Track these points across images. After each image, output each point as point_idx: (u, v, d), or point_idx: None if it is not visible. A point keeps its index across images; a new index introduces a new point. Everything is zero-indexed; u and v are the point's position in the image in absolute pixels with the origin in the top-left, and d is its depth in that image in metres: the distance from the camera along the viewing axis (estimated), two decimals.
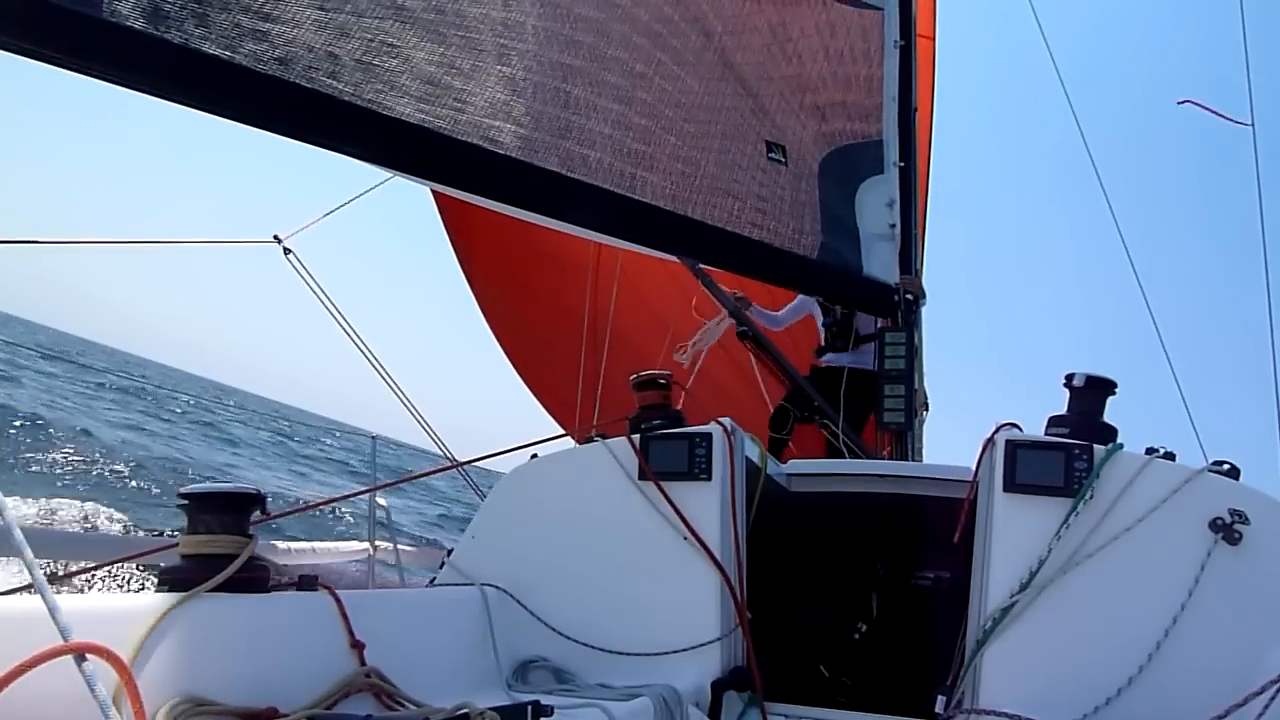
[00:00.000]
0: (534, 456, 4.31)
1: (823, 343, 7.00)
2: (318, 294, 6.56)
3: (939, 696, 3.47)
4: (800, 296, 7.06)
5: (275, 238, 6.53)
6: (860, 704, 4.19)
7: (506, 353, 9.37)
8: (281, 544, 6.00)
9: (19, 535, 1.54)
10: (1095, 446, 3.43)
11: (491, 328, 9.25)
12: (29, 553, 1.53)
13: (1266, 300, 6.63)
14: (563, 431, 6.27)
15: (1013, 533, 3.44)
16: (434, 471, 6.24)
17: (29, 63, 3.32)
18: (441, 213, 8.48)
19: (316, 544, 6.27)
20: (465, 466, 5.89)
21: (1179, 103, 8.34)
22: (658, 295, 7.77)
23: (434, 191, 8.04)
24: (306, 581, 2.79)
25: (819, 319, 7.05)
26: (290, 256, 6.52)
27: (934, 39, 8.33)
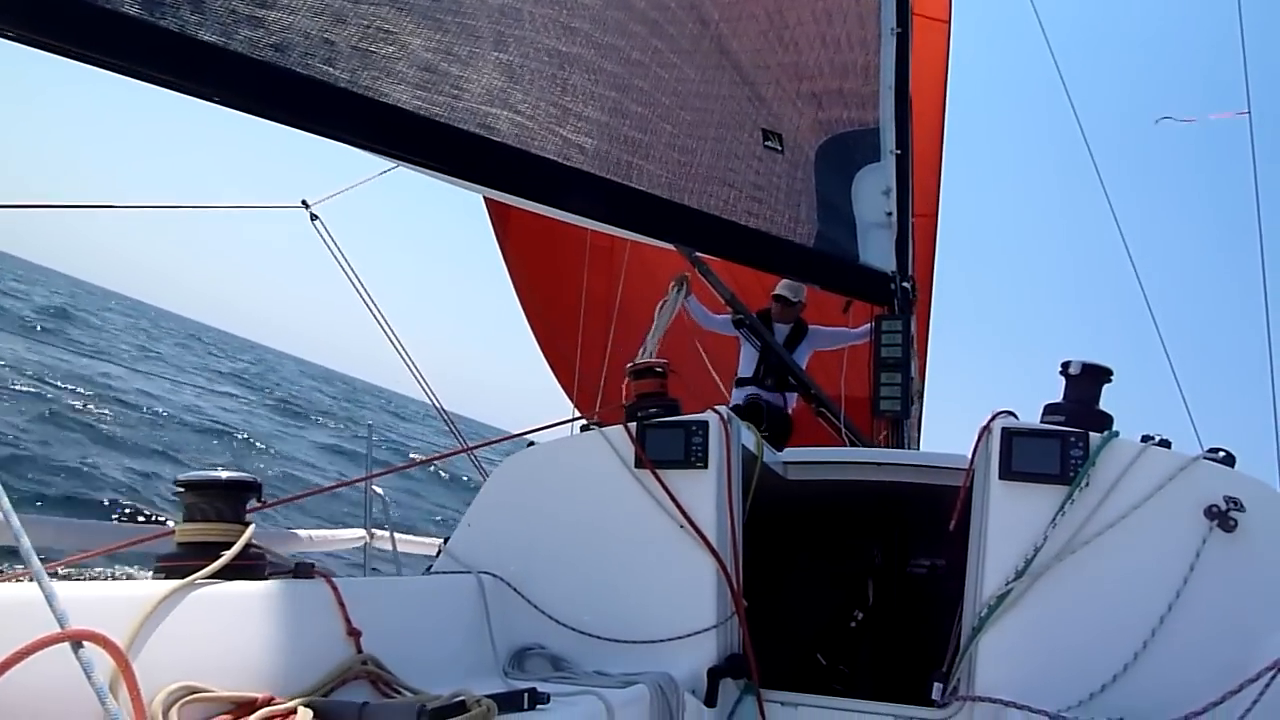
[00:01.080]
0: (531, 444, 4.31)
1: (752, 373, 6.90)
2: (340, 262, 6.58)
3: (935, 684, 3.48)
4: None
5: (303, 203, 6.54)
6: (857, 691, 4.20)
7: (530, 324, 9.45)
8: (278, 530, 6.00)
9: (16, 522, 1.54)
10: (1091, 434, 3.43)
11: (519, 296, 9.32)
12: (26, 539, 1.53)
13: (1263, 288, 6.63)
14: (568, 417, 6.27)
15: (1008, 520, 3.44)
16: (437, 458, 6.25)
17: None
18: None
19: (314, 531, 6.26)
20: (474, 451, 5.89)
21: (1157, 121, 8.41)
22: (668, 276, 7.78)
23: None
24: (303, 569, 2.80)
25: (747, 345, 6.96)
26: (316, 223, 6.53)
27: (949, 22, 8.36)
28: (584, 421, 4.55)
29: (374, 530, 6.11)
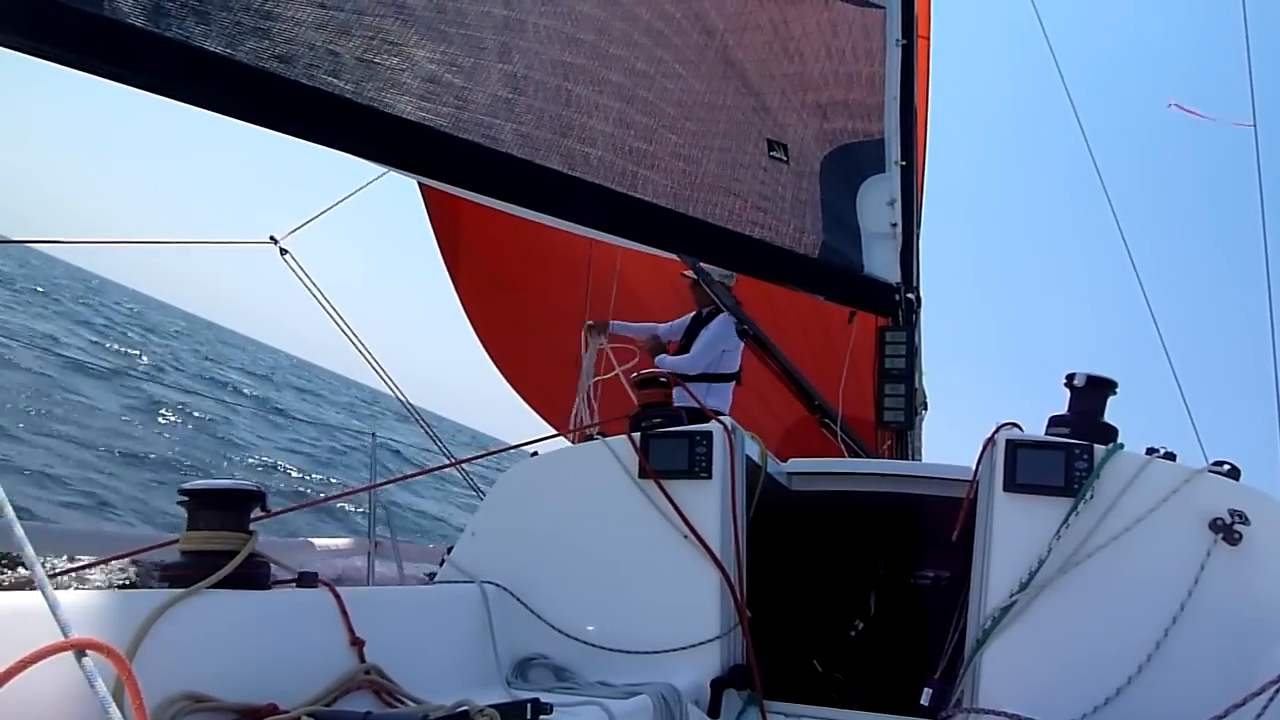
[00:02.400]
0: (534, 454, 4.31)
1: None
2: (314, 293, 6.60)
3: (926, 690, 3.48)
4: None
5: (271, 238, 6.56)
6: (852, 700, 4.20)
7: (490, 353, 9.37)
8: (282, 540, 6.01)
9: (20, 531, 1.54)
10: (1095, 446, 3.42)
11: (476, 330, 9.25)
12: (30, 548, 1.53)
13: (1268, 300, 6.62)
14: (558, 432, 6.28)
15: (1013, 532, 3.43)
16: (433, 469, 6.27)
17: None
18: (431, 217, 8.51)
19: (317, 540, 6.27)
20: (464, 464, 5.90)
21: (1170, 106, 8.38)
22: (651, 295, 7.78)
23: (424, 196, 8.08)
24: (307, 578, 2.79)
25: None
26: (286, 257, 6.54)
27: (929, 39, 8.32)
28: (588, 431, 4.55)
29: (377, 540, 6.11)
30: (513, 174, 4.60)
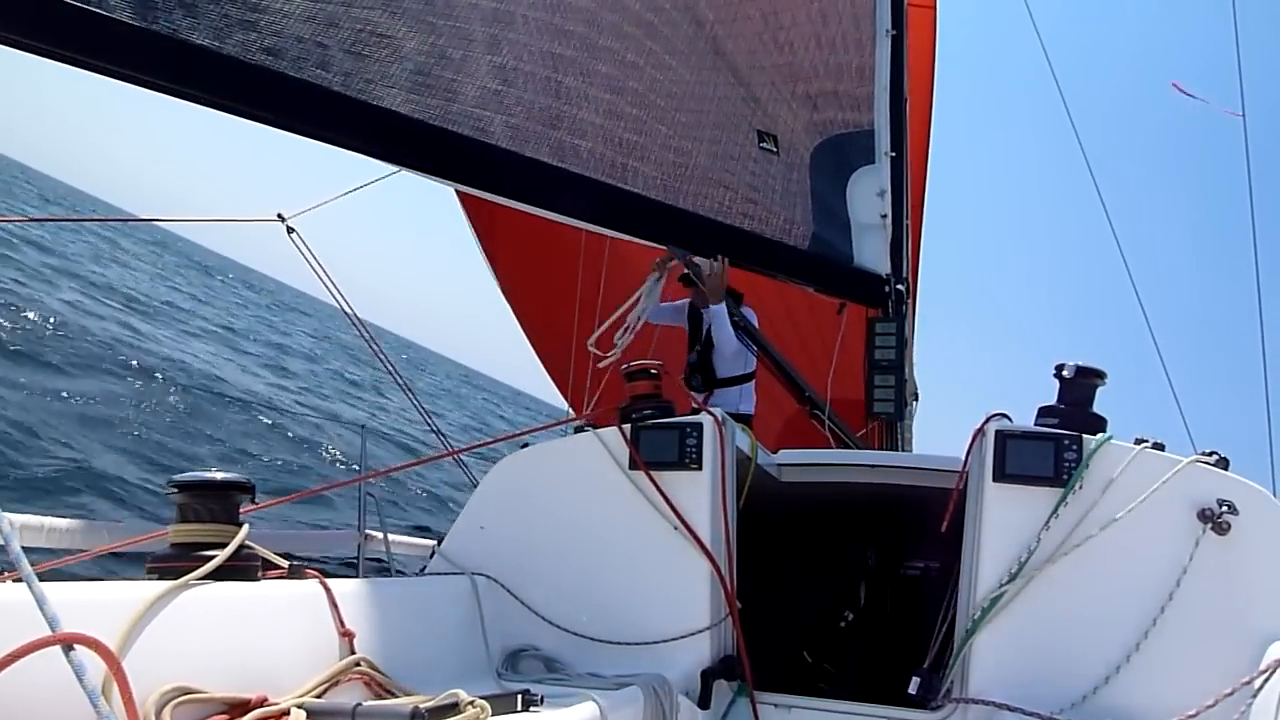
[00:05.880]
0: (525, 445, 4.31)
1: (683, 376, 6.46)
2: (319, 274, 6.56)
3: (914, 679, 3.49)
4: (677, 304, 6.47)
5: (279, 216, 6.50)
6: (842, 691, 4.21)
7: (520, 323, 9.42)
8: (272, 531, 5.99)
9: (6, 524, 1.54)
10: (1085, 437, 3.43)
11: (506, 295, 9.29)
12: (16, 542, 1.53)
13: (1256, 290, 6.64)
14: (555, 421, 6.27)
15: (1002, 522, 3.44)
16: (427, 460, 6.26)
17: None
18: (460, 195, 8.48)
19: (307, 532, 6.25)
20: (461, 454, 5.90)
21: (1173, 85, 8.39)
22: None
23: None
24: (296, 570, 2.80)
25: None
26: (293, 235, 6.49)
27: (934, 7, 8.20)
28: (578, 423, 4.54)
29: (367, 531, 6.11)
30: (502, 166, 4.60)
